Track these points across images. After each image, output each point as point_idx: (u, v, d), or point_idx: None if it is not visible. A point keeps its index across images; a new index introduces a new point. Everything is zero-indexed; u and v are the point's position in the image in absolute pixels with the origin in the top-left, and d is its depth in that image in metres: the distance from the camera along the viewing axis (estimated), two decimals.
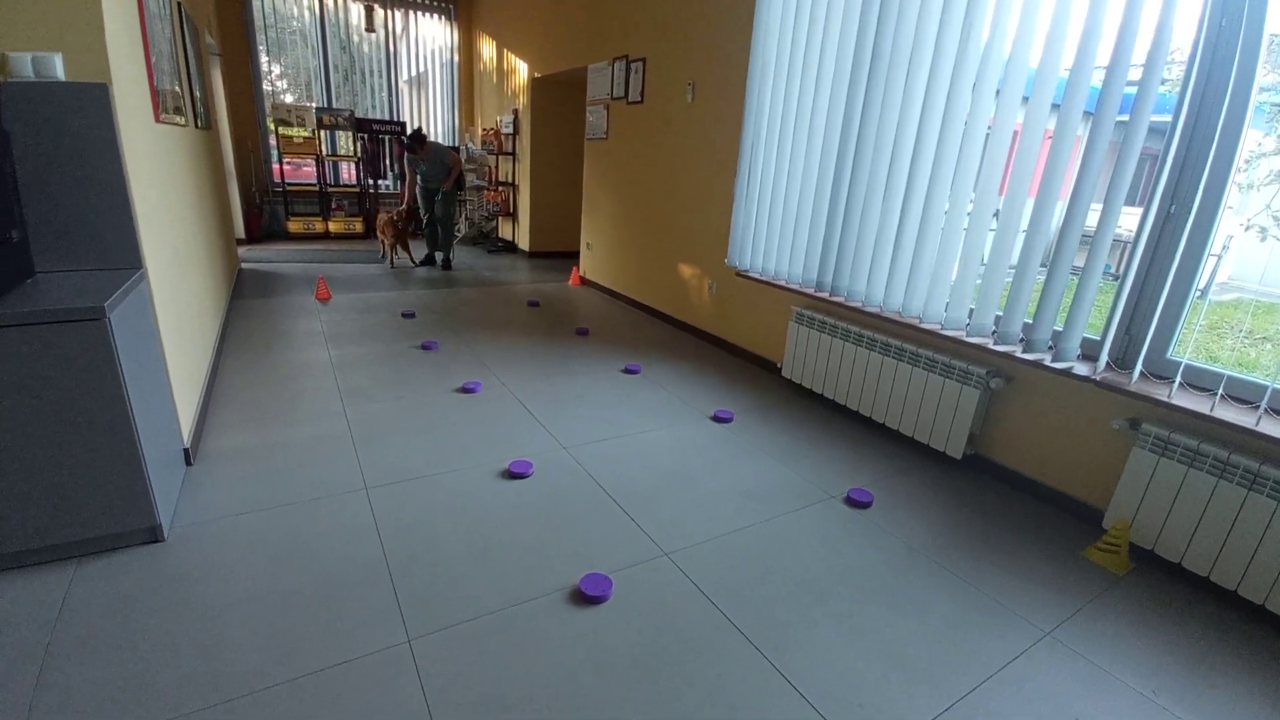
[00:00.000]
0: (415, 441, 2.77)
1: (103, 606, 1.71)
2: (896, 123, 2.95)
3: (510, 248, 8.54)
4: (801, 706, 1.55)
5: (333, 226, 8.19)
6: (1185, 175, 2.12)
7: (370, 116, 8.52)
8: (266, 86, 7.86)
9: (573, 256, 7.56)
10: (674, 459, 2.77)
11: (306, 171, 8.45)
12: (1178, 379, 2.20)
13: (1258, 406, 2.03)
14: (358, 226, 8.32)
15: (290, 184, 8.10)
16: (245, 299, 5.00)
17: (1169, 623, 1.93)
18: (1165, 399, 2.10)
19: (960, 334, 2.78)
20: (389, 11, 8.39)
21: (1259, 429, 1.90)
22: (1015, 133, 2.55)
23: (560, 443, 2.85)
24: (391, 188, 8.74)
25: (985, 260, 2.68)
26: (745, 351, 4.28)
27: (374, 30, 8.19)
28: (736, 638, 1.76)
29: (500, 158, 8.34)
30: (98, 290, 1.78)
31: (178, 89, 3.33)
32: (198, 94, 4.18)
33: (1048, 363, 2.44)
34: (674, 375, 3.86)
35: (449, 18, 8.76)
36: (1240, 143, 2.02)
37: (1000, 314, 2.65)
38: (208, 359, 3.26)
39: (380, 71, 8.65)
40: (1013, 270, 2.59)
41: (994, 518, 2.46)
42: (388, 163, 8.38)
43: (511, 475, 2.53)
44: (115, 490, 1.85)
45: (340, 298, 5.27)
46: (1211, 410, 2.01)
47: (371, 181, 8.41)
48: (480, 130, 8.86)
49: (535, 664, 1.62)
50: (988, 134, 2.62)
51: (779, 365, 3.92)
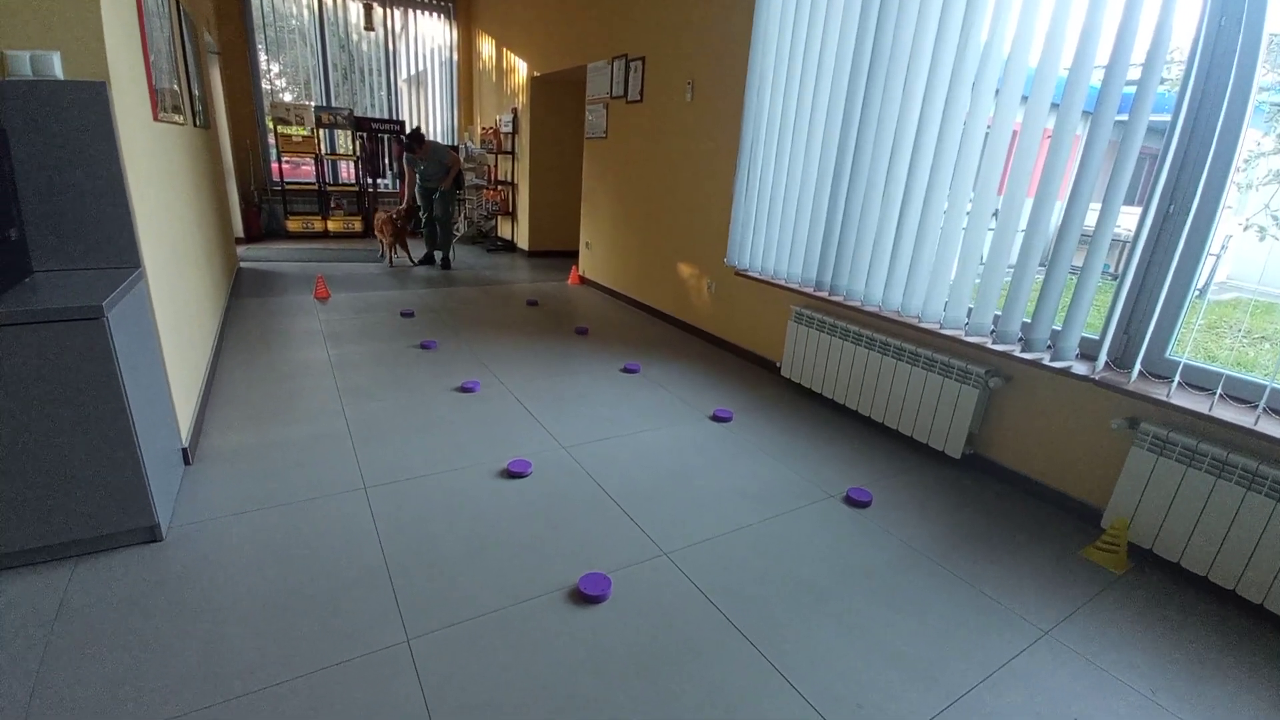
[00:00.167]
0: (414, 441, 2.76)
1: (101, 606, 1.71)
2: (896, 122, 2.95)
3: (509, 247, 8.54)
4: (801, 706, 1.55)
5: (332, 225, 8.18)
6: (1184, 175, 2.12)
7: (369, 115, 8.52)
8: (265, 85, 7.85)
9: (572, 256, 7.56)
10: (673, 458, 2.77)
11: (305, 170, 8.44)
12: (1176, 378, 2.20)
13: (1256, 406, 2.03)
14: (357, 225, 8.32)
15: (289, 183, 8.09)
16: (244, 298, 5.00)
17: (1167, 622, 1.94)
18: (1164, 398, 2.10)
19: (959, 333, 2.78)
20: (388, 10, 8.38)
21: (1257, 428, 1.90)
22: (1014, 132, 2.55)
23: (559, 442, 2.85)
24: (390, 186, 8.74)
25: (984, 259, 2.68)
26: (744, 351, 4.29)
27: (373, 29, 8.18)
28: (736, 637, 1.76)
29: (499, 157, 8.34)
30: (96, 289, 1.78)
31: (176, 87, 3.32)
32: (196, 92, 4.18)
33: (1046, 362, 2.44)
34: (673, 375, 3.86)
35: (448, 16, 8.75)
36: (1239, 142, 2.02)
37: (999, 313, 2.65)
38: (206, 358, 3.26)
39: (379, 70, 8.64)
40: (1011, 269, 2.59)
41: (993, 517, 2.46)
42: (387, 161, 8.37)
43: (510, 475, 2.53)
44: (113, 490, 1.85)
45: (339, 297, 5.26)
46: (1210, 410, 2.01)
47: (370, 180, 8.41)
48: (479, 129, 8.86)
49: (534, 664, 1.62)
50: (987, 133, 2.63)
51: (778, 365, 3.93)
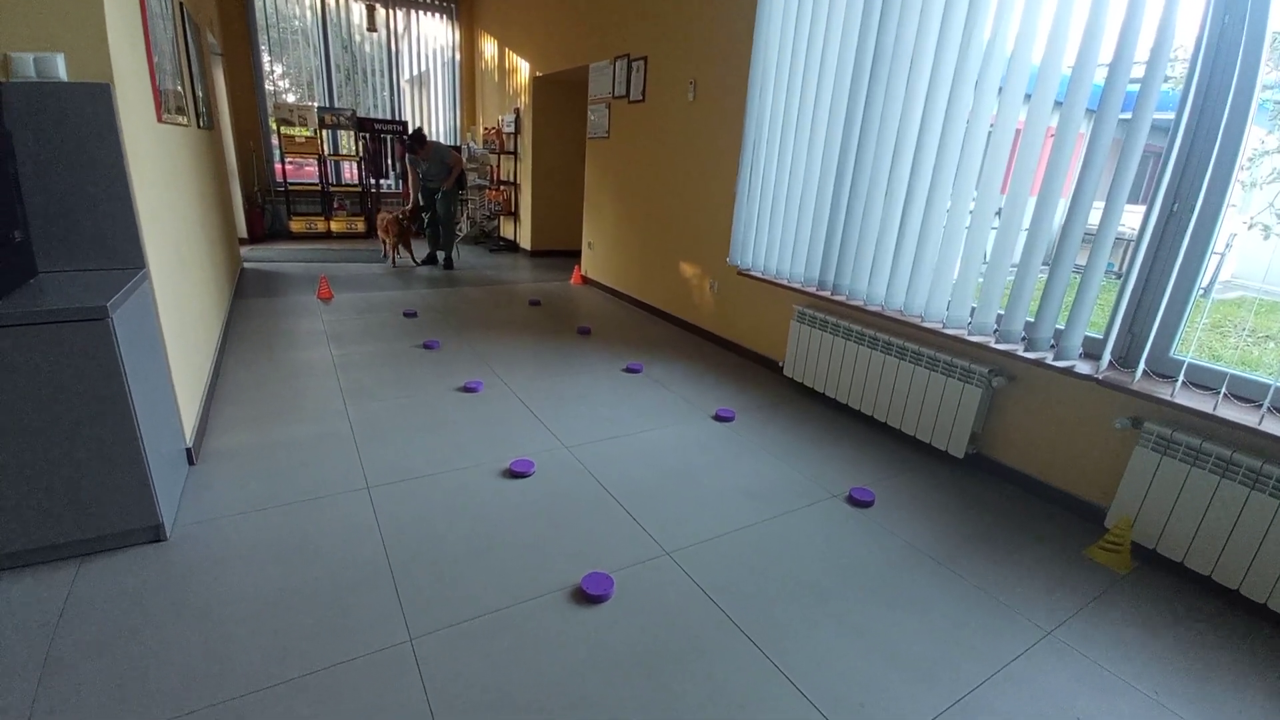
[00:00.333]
0: (417, 440, 2.77)
1: (105, 606, 1.71)
2: (898, 121, 2.95)
3: (512, 247, 8.55)
4: (803, 705, 1.55)
5: (335, 226, 8.20)
6: (1188, 173, 2.11)
7: (372, 116, 8.53)
8: (268, 86, 7.87)
9: (574, 256, 7.56)
10: (676, 458, 2.77)
11: (308, 171, 8.46)
12: (1180, 378, 2.19)
13: (1260, 405, 2.02)
14: (360, 226, 8.33)
15: (292, 183, 8.11)
16: (247, 298, 5.01)
17: (1171, 622, 1.93)
18: (1168, 398, 2.10)
19: (962, 332, 2.78)
20: (390, 11, 8.40)
21: (1261, 428, 1.89)
22: (1017, 131, 2.54)
23: (562, 442, 2.85)
24: (393, 187, 8.75)
25: (987, 259, 2.68)
26: (747, 350, 4.28)
27: (376, 29, 8.19)
28: (738, 637, 1.76)
29: (502, 157, 8.35)
30: (100, 290, 1.79)
31: (180, 89, 3.33)
32: (200, 94, 4.19)
33: (1050, 361, 2.43)
34: (676, 374, 3.86)
35: (450, 17, 8.76)
36: (1243, 141, 2.01)
37: (1002, 312, 2.64)
38: (210, 358, 3.27)
39: (382, 71, 8.65)
40: (1015, 269, 2.58)
41: (996, 517, 2.46)
42: (389, 162, 8.38)
43: (513, 474, 2.53)
44: (118, 489, 1.85)
45: (342, 297, 5.28)
46: (1214, 409, 2.01)
47: (373, 181, 8.42)
48: (482, 129, 8.87)
49: (537, 663, 1.62)
50: (990, 132, 2.62)
51: (781, 364, 3.92)
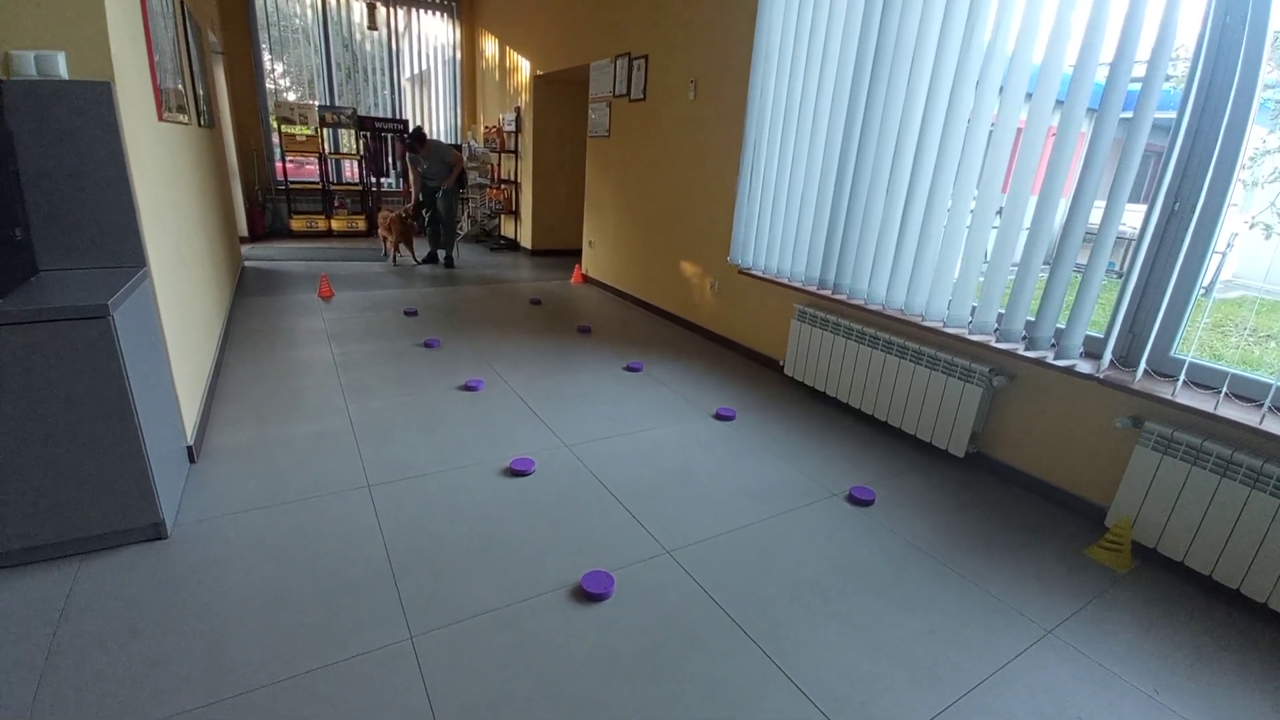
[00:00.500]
0: (417, 439, 2.77)
1: (106, 604, 1.72)
2: (899, 120, 2.94)
3: (512, 246, 8.55)
4: (803, 704, 1.55)
5: (335, 224, 8.20)
6: (1189, 172, 2.11)
7: (373, 114, 8.53)
8: (269, 84, 7.87)
9: (575, 255, 7.56)
10: (676, 457, 2.77)
11: (309, 169, 8.46)
12: (1181, 377, 2.19)
13: (1261, 405, 2.02)
14: (360, 224, 8.33)
15: (293, 182, 8.10)
16: (248, 297, 5.02)
17: (1171, 621, 1.93)
18: (1169, 397, 2.10)
19: (963, 331, 2.77)
20: (391, 9, 8.39)
21: (1262, 427, 1.89)
22: (1018, 130, 2.54)
23: (562, 440, 2.85)
24: (394, 186, 8.75)
25: (988, 258, 2.68)
26: (747, 349, 4.28)
27: (376, 28, 8.19)
28: (738, 636, 1.76)
29: (502, 155, 8.34)
30: (101, 288, 1.79)
31: (180, 87, 3.33)
32: (200, 92, 4.19)
33: (1051, 360, 2.43)
34: (676, 373, 3.86)
35: (451, 15, 8.76)
36: (1244, 139, 2.01)
37: (1003, 311, 2.64)
38: (211, 357, 3.27)
39: (383, 69, 8.64)
40: (1015, 268, 2.58)
41: (996, 516, 2.46)
42: (390, 160, 8.38)
43: (513, 473, 2.53)
44: (119, 488, 1.86)
45: (343, 296, 5.28)
46: (1215, 408, 2.01)
47: (374, 180, 8.42)
48: (482, 128, 8.86)
49: (537, 662, 1.62)
50: (991, 131, 2.62)
51: (781, 363, 3.92)
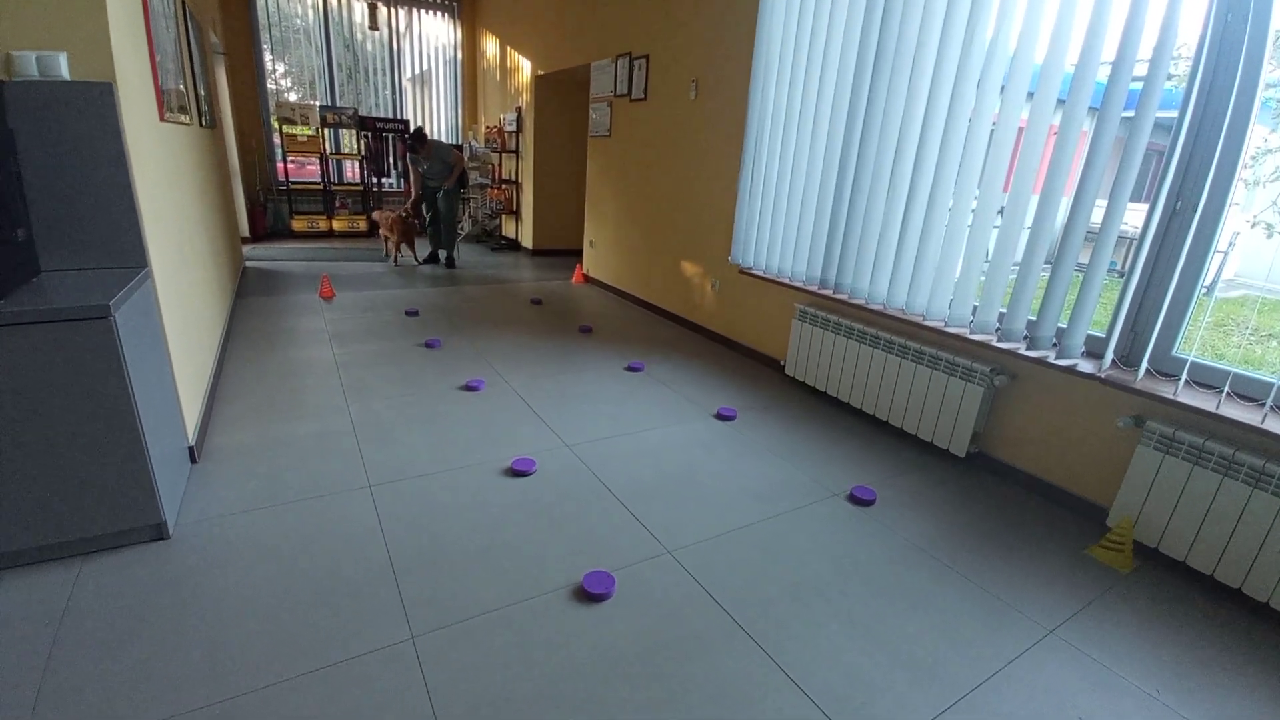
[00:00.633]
0: (419, 439, 2.77)
1: (108, 604, 1.72)
2: (900, 119, 2.94)
3: (513, 246, 8.55)
4: (804, 704, 1.55)
5: (336, 225, 8.20)
6: (1191, 171, 2.10)
7: (374, 115, 8.54)
8: (270, 85, 7.87)
9: (576, 254, 7.56)
10: (677, 457, 2.77)
11: (310, 170, 8.46)
12: (1183, 376, 2.19)
13: (1263, 404, 2.02)
14: (361, 225, 8.33)
15: (294, 182, 8.11)
16: (250, 297, 5.02)
17: (1172, 621, 1.93)
18: (1170, 396, 2.09)
19: (964, 331, 2.77)
20: (392, 9, 8.40)
21: (1264, 426, 1.89)
22: (1020, 129, 2.54)
23: (563, 440, 2.86)
24: (395, 186, 8.75)
25: (989, 257, 2.67)
26: (749, 349, 4.28)
27: (377, 28, 8.19)
28: (739, 635, 1.76)
29: (503, 155, 8.34)
30: (103, 289, 1.79)
31: (182, 88, 3.33)
32: (202, 93, 4.19)
33: (1052, 360, 2.43)
34: (677, 373, 3.86)
35: (452, 15, 8.76)
36: (1246, 139, 2.01)
37: (1004, 311, 2.64)
38: (212, 357, 3.27)
39: (384, 69, 8.65)
40: (1017, 267, 2.58)
41: (997, 516, 2.46)
42: (391, 161, 8.39)
43: (514, 473, 2.54)
44: (120, 488, 1.86)
45: (344, 296, 5.28)
46: (1217, 408, 2.00)
47: (375, 180, 8.43)
48: (483, 128, 8.87)
49: (538, 662, 1.62)
50: (992, 130, 2.61)
51: (782, 363, 3.92)
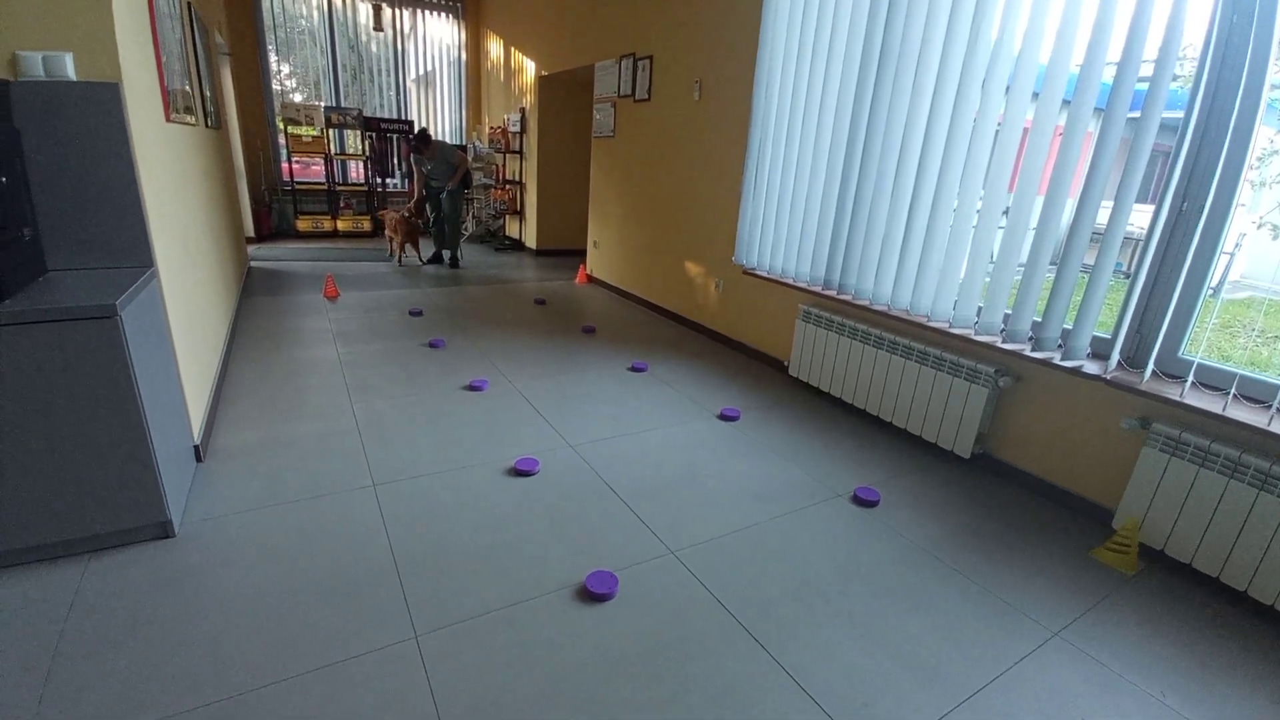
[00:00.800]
0: (422, 439, 2.78)
1: (113, 601, 1.73)
2: (905, 119, 2.94)
3: (517, 246, 8.56)
4: (807, 705, 1.55)
5: (341, 225, 8.22)
6: (1197, 172, 2.10)
7: (378, 115, 8.56)
8: (275, 86, 7.90)
9: (579, 255, 7.57)
10: (680, 457, 2.77)
11: (315, 170, 8.49)
12: (1189, 378, 2.18)
13: (1270, 406, 2.01)
14: (366, 225, 8.36)
15: (299, 182, 8.13)
16: (255, 297, 5.04)
17: (1178, 624, 1.92)
18: (1177, 398, 2.08)
19: (969, 332, 2.76)
20: (396, 10, 8.42)
21: (1270, 429, 1.88)
22: (1025, 129, 2.53)
23: (567, 440, 2.86)
24: (399, 186, 8.78)
25: (994, 258, 2.67)
26: (752, 350, 4.28)
27: (382, 29, 8.22)
28: (742, 636, 1.76)
29: (507, 156, 8.36)
30: (109, 288, 1.80)
31: (188, 88, 3.35)
32: (208, 93, 4.21)
33: (1057, 361, 2.42)
34: (681, 373, 3.86)
35: (456, 16, 8.78)
36: (1252, 140, 2.00)
37: (1009, 312, 2.63)
38: (218, 356, 3.29)
39: (388, 70, 8.67)
40: (1022, 268, 2.57)
41: (1002, 517, 2.45)
42: (395, 161, 8.41)
43: (518, 473, 2.54)
44: (126, 486, 1.87)
45: (348, 296, 5.29)
46: (1223, 410, 1.99)
47: (380, 180, 8.45)
48: (487, 128, 8.88)
49: (541, 661, 1.63)
50: (997, 131, 2.61)
51: (786, 364, 3.92)
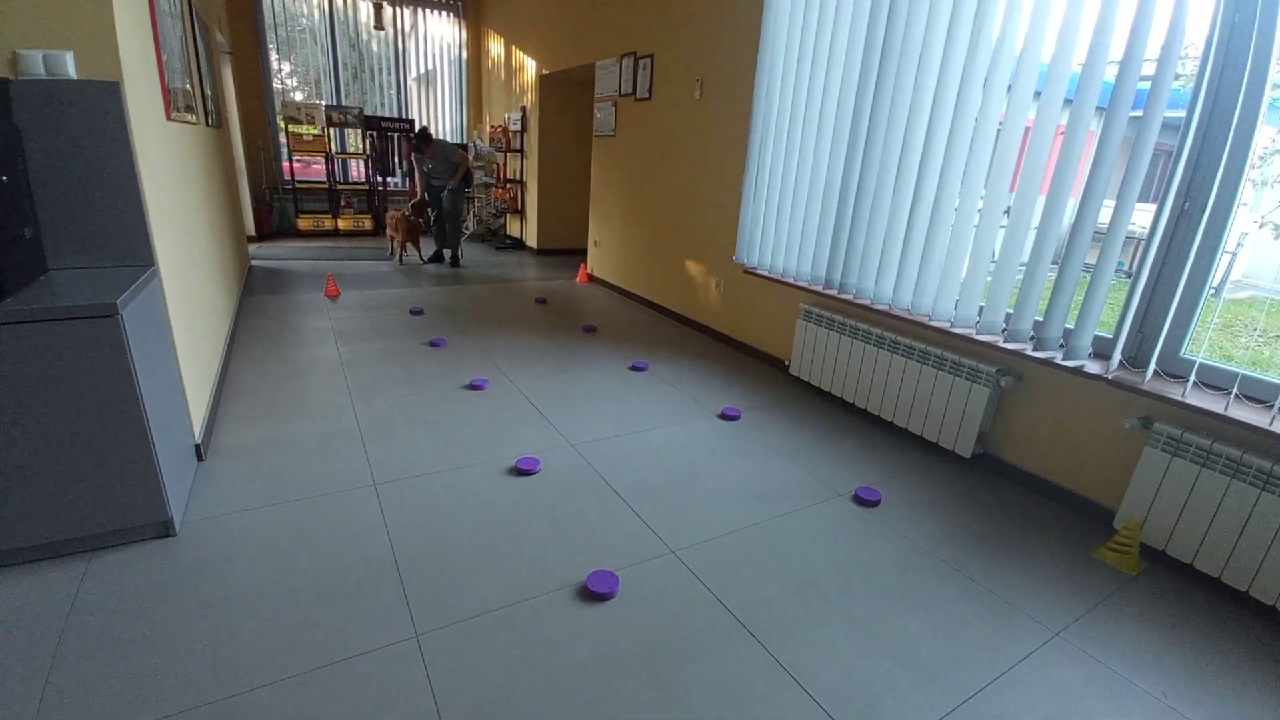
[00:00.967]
0: (423, 438, 2.78)
1: (114, 601, 1.73)
2: (906, 118, 2.93)
3: (518, 245, 8.56)
4: (808, 705, 1.54)
5: (342, 224, 8.22)
6: (1199, 171, 2.09)
7: (379, 114, 8.56)
8: (276, 84, 7.90)
9: (580, 254, 7.56)
10: (681, 457, 2.77)
11: (316, 169, 8.49)
12: (1191, 378, 2.18)
13: (1272, 406, 2.00)
14: (367, 224, 8.36)
15: (300, 181, 8.14)
16: (256, 296, 5.04)
17: (1179, 624, 1.92)
18: (1178, 398, 2.08)
19: (970, 331, 2.76)
20: (397, 9, 8.41)
21: (1272, 428, 1.88)
22: (1027, 128, 2.53)
23: (567, 440, 2.86)
24: (400, 185, 8.78)
25: (996, 257, 2.66)
26: (753, 349, 4.27)
27: (383, 28, 8.21)
28: (743, 636, 1.76)
29: (508, 155, 8.35)
30: (110, 287, 1.80)
31: (189, 87, 3.35)
32: (208, 92, 4.21)
33: (1059, 361, 2.42)
34: (682, 373, 3.86)
35: (457, 15, 8.77)
36: (1254, 138, 1.99)
37: (1010, 311, 2.63)
38: (219, 355, 3.29)
39: (389, 69, 8.67)
40: (1023, 267, 2.57)
41: (1003, 517, 2.45)
42: (396, 160, 8.41)
43: (519, 472, 2.54)
44: (127, 485, 1.87)
45: (349, 295, 5.29)
46: (1225, 410, 1.99)
47: (380, 179, 8.45)
48: (488, 127, 8.88)
49: (542, 660, 1.63)
50: (999, 130, 2.60)
51: (787, 363, 3.91)
